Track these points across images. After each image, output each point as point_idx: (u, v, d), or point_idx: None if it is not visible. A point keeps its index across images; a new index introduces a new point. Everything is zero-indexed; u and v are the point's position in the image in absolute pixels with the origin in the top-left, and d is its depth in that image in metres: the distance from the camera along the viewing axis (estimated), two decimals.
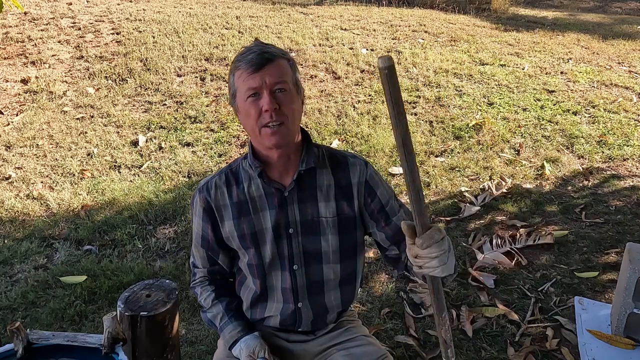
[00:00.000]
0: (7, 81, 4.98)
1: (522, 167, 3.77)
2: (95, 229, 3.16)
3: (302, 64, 5.32)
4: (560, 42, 6.43)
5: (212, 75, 5.08)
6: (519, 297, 2.55)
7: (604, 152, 3.92)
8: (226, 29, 6.17)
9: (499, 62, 5.55)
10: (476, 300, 2.53)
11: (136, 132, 4.29)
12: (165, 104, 4.66)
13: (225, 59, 5.35)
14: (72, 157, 3.95)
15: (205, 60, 5.35)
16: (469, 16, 7.84)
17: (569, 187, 3.54)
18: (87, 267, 2.80)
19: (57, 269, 2.81)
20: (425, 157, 3.92)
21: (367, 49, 5.74)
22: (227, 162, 3.88)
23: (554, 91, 4.90)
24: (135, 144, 4.14)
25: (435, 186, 3.58)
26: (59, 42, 5.71)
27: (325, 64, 5.34)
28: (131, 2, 7.19)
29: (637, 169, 3.73)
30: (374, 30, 6.48)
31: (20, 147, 4.06)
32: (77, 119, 4.46)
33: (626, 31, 7.21)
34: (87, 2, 6.97)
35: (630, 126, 4.26)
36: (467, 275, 2.71)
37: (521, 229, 3.05)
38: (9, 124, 4.37)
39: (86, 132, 4.26)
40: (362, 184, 1.35)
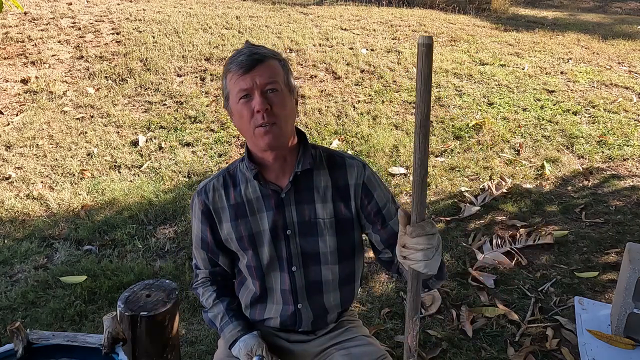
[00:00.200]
0: (7, 81, 4.98)
1: (522, 167, 3.77)
2: (95, 229, 3.16)
3: (302, 64, 5.32)
4: (560, 42, 6.43)
5: (212, 75, 5.08)
6: (519, 297, 2.55)
7: (604, 152, 3.92)
8: (226, 29, 6.17)
9: (499, 62, 5.55)
10: (476, 300, 2.53)
11: (136, 132, 4.29)
12: (165, 104, 4.66)
13: (225, 59, 5.33)
14: (72, 157, 3.95)
15: (205, 60, 5.35)
16: (469, 16, 7.84)
17: (569, 187, 3.54)
18: (87, 267, 2.80)
19: (57, 269, 2.81)
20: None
21: (367, 49, 5.74)
22: (227, 162, 3.88)
23: (554, 91, 4.90)
24: (135, 144, 4.14)
25: (435, 186, 3.58)
26: (59, 42, 5.72)
27: (325, 64, 5.34)
28: (131, 2, 7.19)
29: (637, 169, 3.73)
30: (374, 30, 6.48)
31: (20, 147, 4.06)
32: (77, 119, 4.46)
33: (626, 31, 7.21)
34: (87, 2, 6.97)
35: (630, 126, 4.26)
36: (467, 275, 2.71)
37: (521, 229, 3.05)
38: (9, 124, 4.37)
39: (86, 132, 4.26)
40: (360, 185, 1.35)
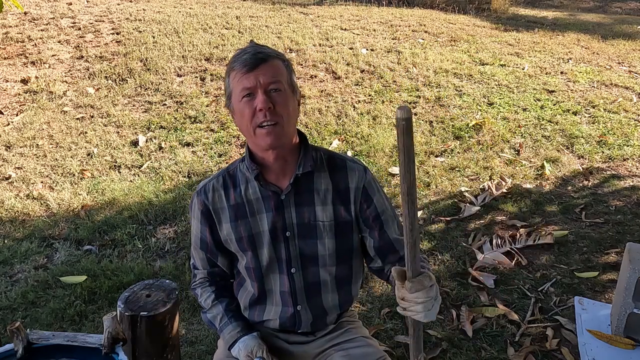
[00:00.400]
0: (7, 81, 4.98)
1: (522, 167, 3.77)
2: (95, 229, 3.16)
3: (302, 64, 5.32)
4: (560, 42, 6.43)
5: (212, 75, 5.08)
6: (519, 297, 2.55)
7: (604, 152, 3.92)
8: (226, 29, 6.17)
9: (499, 62, 5.55)
10: (476, 300, 2.53)
11: (136, 132, 4.29)
12: (165, 104, 4.66)
13: (225, 59, 5.34)
14: (72, 157, 3.95)
15: (205, 60, 5.35)
16: (469, 16, 7.84)
17: (569, 187, 3.54)
18: (87, 267, 2.80)
19: (57, 269, 2.81)
20: (425, 157, 3.92)
21: (367, 49, 5.74)
22: (227, 162, 3.88)
23: (554, 91, 4.90)
24: (135, 144, 4.14)
25: (435, 186, 3.58)
26: (59, 42, 5.71)
27: (325, 64, 5.34)
28: (131, 2, 7.19)
29: (637, 169, 3.73)
30: (374, 30, 6.48)
31: (20, 147, 4.06)
32: (77, 119, 4.46)
33: (626, 31, 7.21)
34: (87, 2, 6.97)
35: (630, 126, 4.26)
36: (467, 275, 2.71)
37: (521, 229, 3.05)
38: (9, 124, 4.37)
39: (86, 132, 4.26)
40: (360, 189, 1.35)
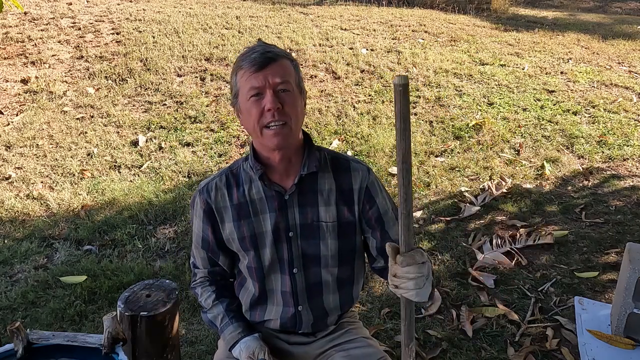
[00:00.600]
0: (7, 81, 4.98)
1: (522, 167, 3.77)
2: (95, 229, 3.16)
3: (302, 64, 5.32)
4: (560, 42, 6.43)
5: (212, 75, 5.08)
6: (519, 297, 2.55)
7: (604, 152, 3.92)
8: (226, 29, 6.17)
9: (499, 62, 5.55)
10: (476, 300, 2.53)
11: (136, 132, 4.29)
12: (165, 104, 4.66)
13: (225, 59, 5.34)
14: (72, 157, 3.95)
15: (205, 60, 5.34)
16: (469, 16, 7.84)
17: (569, 187, 3.54)
18: (87, 267, 2.80)
19: (57, 269, 2.81)
20: (425, 157, 3.92)
21: (367, 49, 5.74)
22: (227, 162, 3.88)
23: (554, 91, 4.90)
24: (135, 144, 4.14)
25: (435, 186, 3.58)
26: (59, 42, 5.71)
27: (325, 64, 5.34)
28: (131, 2, 7.19)
29: (637, 169, 3.73)
30: (374, 30, 6.48)
31: (20, 147, 4.06)
32: (77, 119, 4.46)
33: (626, 31, 7.21)
34: (87, 2, 6.97)
35: (630, 126, 4.26)
36: (467, 275, 2.71)
37: (521, 229, 3.05)
38: (9, 124, 4.37)
39: (86, 132, 4.26)
40: (363, 189, 1.35)
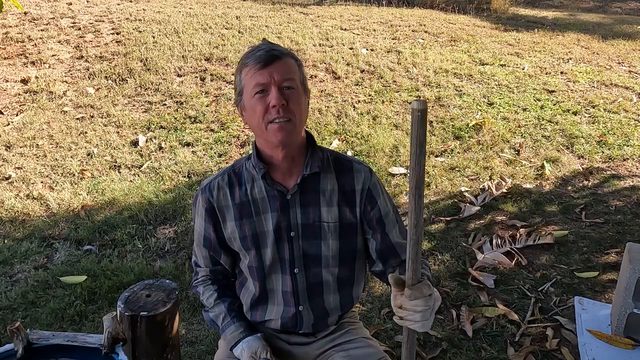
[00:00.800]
0: (7, 81, 4.98)
1: (522, 167, 3.77)
2: (95, 229, 3.16)
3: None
4: (560, 42, 6.43)
5: (212, 75, 5.08)
6: (519, 297, 2.55)
7: (604, 152, 3.92)
8: (226, 29, 6.17)
9: (499, 62, 5.55)
10: (476, 300, 2.53)
11: (136, 132, 4.29)
12: (165, 104, 4.66)
13: (225, 59, 5.34)
14: (72, 157, 3.95)
15: (205, 60, 5.34)
16: (469, 16, 7.84)
17: (569, 187, 3.54)
18: (87, 267, 2.80)
19: (57, 269, 2.81)
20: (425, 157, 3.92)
21: (367, 49, 5.74)
22: (227, 162, 3.88)
23: (554, 91, 4.90)
24: (135, 144, 4.14)
25: (435, 186, 3.58)
26: (59, 42, 5.71)
27: (325, 64, 5.34)
28: (131, 2, 7.19)
29: (637, 169, 3.73)
30: (374, 30, 6.48)
31: (20, 147, 4.06)
32: (77, 119, 4.46)
33: (626, 31, 7.21)
34: (87, 2, 6.97)
35: (630, 126, 4.26)
36: (467, 275, 2.71)
37: (521, 229, 3.05)
38: (9, 124, 4.37)
39: (86, 132, 4.26)
40: (365, 191, 1.35)
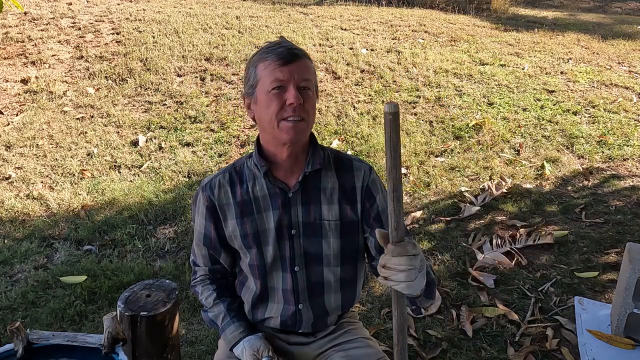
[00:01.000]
0: (7, 81, 4.98)
1: (522, 167, 3.77)
2: (95, 229, 3.16)
3: None
4: (560, 42, 6.43)
5: (212, 75, 5.08)
6: (519, 297, 2.55)
7: (604, 152, 3.92)
8: (226, 29, 6.17)
9: (499, 62, 5.55)
10: (476, 300, 2.53)
11: (136, 132, 4.29)
12: (165, 104, 4.66)
13: (225, 59, 5.34)
14: (72, 157, 3.95)
15: (205, 60, 5.34)
16: (469, 16, 7.84)
17: (569, 187, 3.54)
18: (87, 267, 2.80)
19: (57, 269, 2.81)
20: (425, 157, 3.92)
21: (367, 49, 5.74)
22: (227, 162, 3.88)
23: (554, 91, 4.90)
24: (135, 144, 4.14)
25: (435, 186, 3.58)
26: (59, 42, 5.71)
27: (325, 64, 5.34)
28: (131, 2, 7.19)
29: (637, 169, 3.73)
30: (374, 30, 6.48)
31: (20, 147, 4.06)
32: (77, 119, 4.46)
33: (626, 31, 7.21)
34: (87, 2, 6.97)
35: (630, 126, 4.26)
36: (467, 275, 2.71)
37: (521, 229, 3.05)
38: (9, 124, 4.37)
39: (86, 132, 4.26)
40: (364, 187, 1.36)
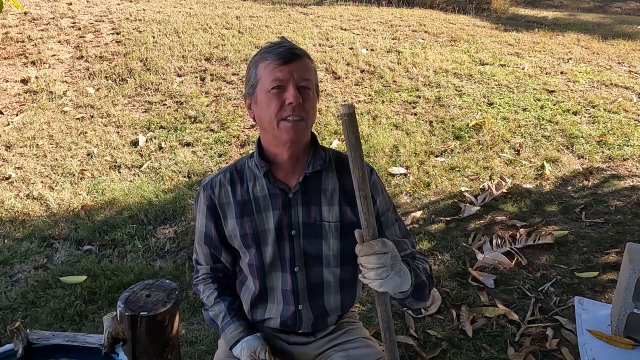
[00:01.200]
0: (7, 81, 4.98)
1: (522, 167, 3.77)
2: (95, 229, 3.16)
3: None
4: (560, 42, 6.43)
5: (212, 75, 5.08)
6: (519, 297, 2.55)
7: (604, 152, 3.92)
8: (226, 29, 6.17)
9: (499, 62, 5.55)
10: (476, 300, 2.53)
11: (136, 132, 4.29)
12: (165, 104, 4.66)
13: (225, 59, 5.34)
14: (72, 157, 3.95)
15: (205, 60, 5.34)
16: (469, 16, 7.84)
17: (569, 187, 3.54)
18: (87, 267, 2.80)
19: (57, 269, 2.81)
20: (425, 157, 3.92)
21: (367, 49, 5.74)
22: (227, 162, 3.88)
23: (554, 91, 4.90)
24: (135, 144, 4.14)
25: (435, 186, 3.58)
26: (59, 42, 5.71)
27: (325, 64, 5.34)
28: (131, 2, 7.19)
29: (637, 169, 3.73)
30: (374, 30, 6.48)
31: (20, 147, 4.05)
32: (77, 119, 4.46)
33: (626, 31, 7.21)
34: (87, 2, 6.97)
35: (630, 126, 4.26)
36: (467, 275, 2.71)
37: (521, 229, 3.05)
38: (9, 124, 4.37)
39: (86, 132, 4.26)
40: None
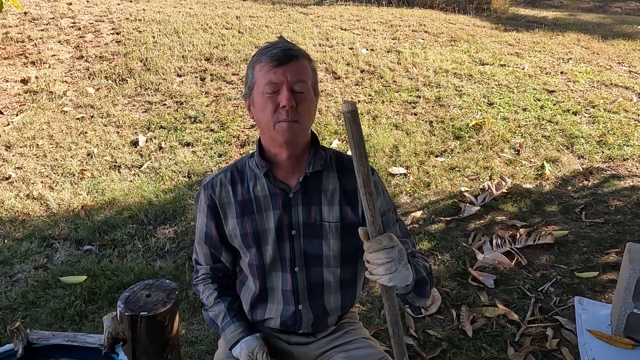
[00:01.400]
0: (7, 81, 4.98)
1: (522, 167, 3.77)
2: (95, 229, 3.16)
3: None
4: (560, 42, 6.43)
5: (212, 75, 5.08)
6: (519, 297, 2.55)
7: (604, 152, 3.92)
8: (226, 29, 6.17)
9: (499, 62, 5.55)
10: (476, 300, 2.53)
11: (136, 132, 4.29)
12: (165, 104, 4.66)
13: (225, 59, 5.34)
14: (72, 157, 3.95)
15: (205, 60, 5.34)
16: (469, 16, 7.84)
17: (569, 187, 3.54)
18: (87, 267, 2.80)
19: (57, 269, 2.81)
20: (425, 157, 3.92)
21: (367, 49, 5.74)
22: (227, 162, 3.88)
23: (554, 91, 4.90)
24: (135, 144, 4.14)
25: (435, 186, 3.58)
26: (59, 42, 5.71)
27: (325, 64, 5.34)
28: (131, 2, 7.19)
29: (637, 169, 3.73)
30: (374, 30, 6.48)
31: (20, 147, 4.05)
32: (77, 119, 4.46)
33: (626, 31, 7.21)
34: (87, 2, 6.97)
35: (630, 126, 4.26)
36: (467, 275, 2.71)
37: (521, 229, 3.05)
38: (9, 124, 4.37)
39: (86, 132, 4.26)
40: None
